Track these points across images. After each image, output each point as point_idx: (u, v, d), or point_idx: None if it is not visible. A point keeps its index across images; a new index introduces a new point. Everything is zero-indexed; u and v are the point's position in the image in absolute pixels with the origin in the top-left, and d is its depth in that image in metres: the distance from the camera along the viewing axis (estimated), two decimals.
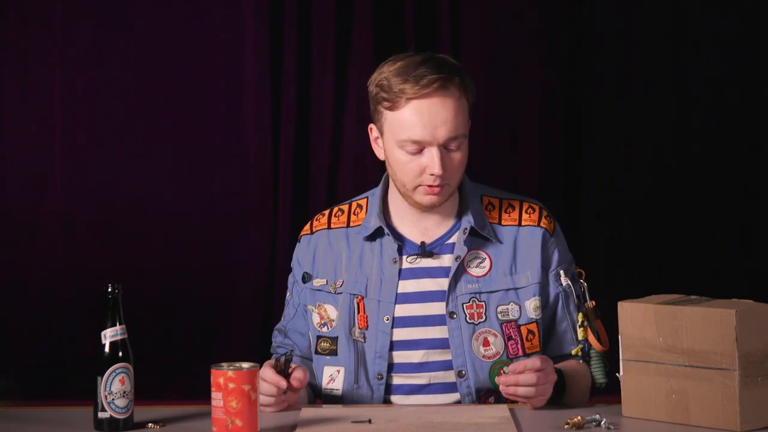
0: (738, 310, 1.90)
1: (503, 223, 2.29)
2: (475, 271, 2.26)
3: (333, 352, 2.27)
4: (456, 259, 2.25)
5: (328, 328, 2.27)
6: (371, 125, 2.30)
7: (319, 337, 2.29)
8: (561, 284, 2.27)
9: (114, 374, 1.95)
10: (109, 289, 1.97)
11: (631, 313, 2.00)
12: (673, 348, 1.95)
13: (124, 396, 1.95)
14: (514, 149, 4.37)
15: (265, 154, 4.33)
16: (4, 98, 4.30)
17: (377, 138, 2.29)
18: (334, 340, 2.27)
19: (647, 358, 1.98)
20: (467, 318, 2.24)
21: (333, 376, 2.27)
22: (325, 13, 4.30)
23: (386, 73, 2.22)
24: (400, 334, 2.25)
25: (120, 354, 1.96)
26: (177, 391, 4.20)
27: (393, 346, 2.24)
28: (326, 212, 2.37)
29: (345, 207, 2.37)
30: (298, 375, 2.10)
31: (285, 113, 4.32)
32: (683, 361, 1.94)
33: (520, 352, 2.23)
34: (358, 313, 2.26)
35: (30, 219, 4.30)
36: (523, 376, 2.08)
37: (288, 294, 2.38)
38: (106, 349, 1.95)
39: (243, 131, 4.33)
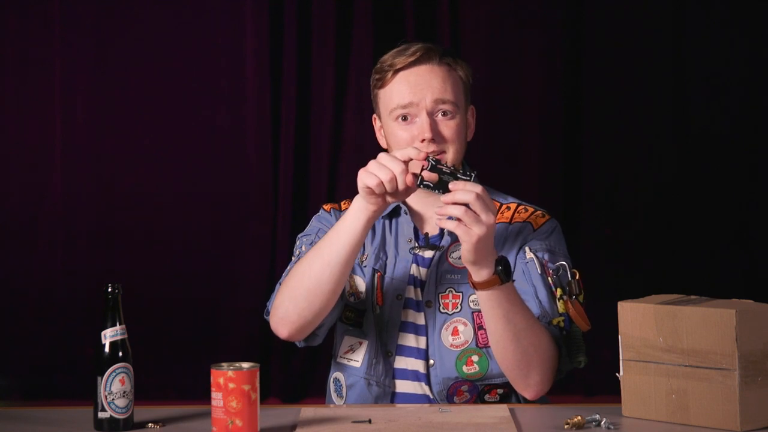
0: (738, 310, 1.90)
1: (497, 221, 2.29)
2: (457, 262, 2.27)
3: (358, 324, 2.28)
4: (440, 248, 2.26)
5: (355, 299, 2.28)
6: (374, 116, 2.35)
7: (345, 306, 2.30)
8: (525, 257, 2.25)
9: (114, 374, 1.95)
10: (109, 289, 1.97)
11: (631, 313, 2.00)
12: (673, 348, 1.95)
13: (124, 396, 1.95)
14: (514, 149, 4.37)
15: (265, 154, 4.33)
16: (4, 98, 4.30)
17: (380, 128, 2.33)
18: (360, 312, 2.28)
19: (647, 358, 1.98)
20: (441, 308, 2.25)
21: (353, 347, 2.29)
22: (325, 13, 4.30)
23: (382, 58, 2.31)
24: (405, 315, 2.27)
25: (120, 354, 1.96)
26: (177, 391, 4.21)
27: (403, 326, 2.26)
28: (350, 201, 2.39)
29: None
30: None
31: (285, 113, 4.32)
32: (683, 361, 1.94)
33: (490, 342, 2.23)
34: (377, 289, 2.27)
35: (30, 219, 4.31)
36: (460, 193, 2.01)
37: (298, 242, 2.35)
38: (106, 349, 1.95)
39: (243, 131, 4.34)
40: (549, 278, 2.21)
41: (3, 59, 4.29)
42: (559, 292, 2.19)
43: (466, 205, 2.01)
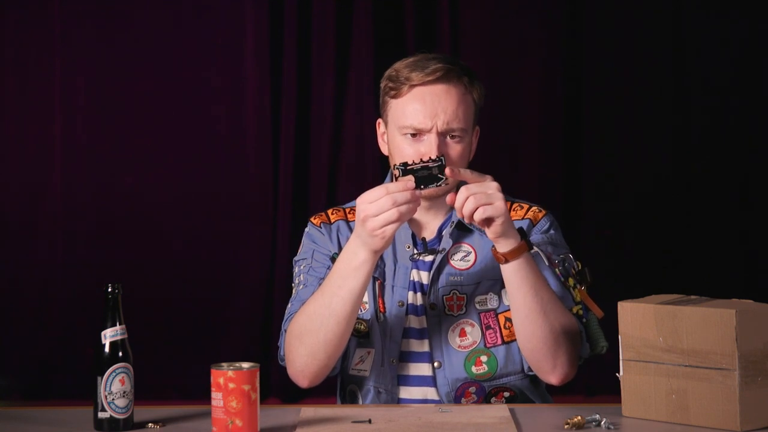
0: (738, 310, 1.90)
1: None
2: (459, 264, 2.27)
3: (365, 335, 2.28)
4: (441, 251, 2.26)
5: (361, 311, 2.28)
6: (378, 120, 2.34)
7: None
8: (530, 253, 2.24)
9: (114, 374, 1.95)
10: (109, 289, 1.97)
11: (631, 313, 2.00)
12: (673, 348, 1.95)
13: (124, 396, 1.95)
14: (514, 150, 4.37)
15: (265, 154, 4.33)
16: (4, 98, 4.30)
17: (383, 133, 2.32)
18: (366, 322, 2.28)
19: (647, 358, 1.98)
20: (446, 310, 2.25)
21: (363, 358, 2.28)
22: (325, 13, 4.31)
23: (397, 66, 2.27)
24: (408, 321, 2.27)
25: (120, 354, 1.95)
26: (177, 391, 4.21)
27: (406, 332, 2.26)
28: (339, 209, 2.38)
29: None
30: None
31: (285, 113, 4.32)
32: (683, 361, 1.94)
33: (499, 341, 2.24)
34: (378, 297, 2.27)
35: (30, 219, 4.31)
36: (458, 195, 2.06)
37: (296, 269, 2.34)
38: (106, 349, 1.95)
39: (243, 131, 4.34)
40: (556, 269, 2.21)
41: (3, 59, 4.29)
42: (571, 281, 2.20)
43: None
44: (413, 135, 2.22)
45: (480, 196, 2.05)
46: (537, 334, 2.14)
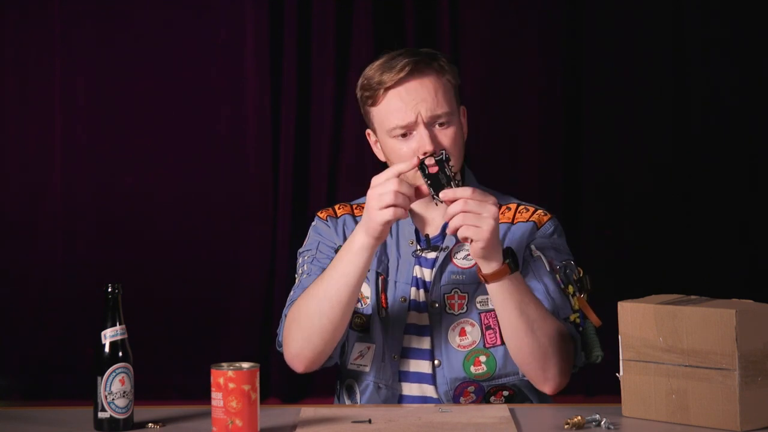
0: (738, 310, 1.90)
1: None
2: (461, 262, 2.28)
3: (365, 329, 2.28)
4: (443, 249, 2.26)
5: (361, 305, 2.28)
6: (367, 131, 2.34)
7: (353, 313, 2.29)
8: (531, 256, 2.26)
9: (114, 374, 1.95)
10: (109, 289, 1.97)
11: (631, 313, 2.00)
12: (673, 348, 1.95)
13: (124, 396, 1.96)
14: (514, 149, 4.37)
15: (265, 154, 4.33)
16: (4, 98, 4.30)
17: (376, 141, 2.31)
18: (367, 317, 2.28)
19: (647, 358, 1.98)
20: (447, 308, 2.25)
21: (363, 353, 2.29)
22: (325, 13, 4.31)
23: (367, 73, 2.28)
24: (410, 317, 2.27)
25: (120, 354, 1.96)
26: (177, 391, 4.21)
27: (407, 328, 2.26)
28: (346, 204, 2.39)
29: (363, 204, 2.37)
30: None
31: (285, 113, 4.32)
32: (683, 361, 1.94)
33: (499, 341, 2.24)
34: (381, 292, 2.27)
35: (30, 219, 4.31)
36: (451, 206, 2.07)
37: (300, 260, 2.35)
38: (106, 349, 1.95)
39: (243, 131, 4.34)
40: (557, 275, 2.22)
41: (3, 59, 4.29)
42: (570, 288, 2.21)
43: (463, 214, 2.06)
44: (403, 135, 2.23)
45: (470, 217, 2.05)
46: (524, 350, 2.15)
